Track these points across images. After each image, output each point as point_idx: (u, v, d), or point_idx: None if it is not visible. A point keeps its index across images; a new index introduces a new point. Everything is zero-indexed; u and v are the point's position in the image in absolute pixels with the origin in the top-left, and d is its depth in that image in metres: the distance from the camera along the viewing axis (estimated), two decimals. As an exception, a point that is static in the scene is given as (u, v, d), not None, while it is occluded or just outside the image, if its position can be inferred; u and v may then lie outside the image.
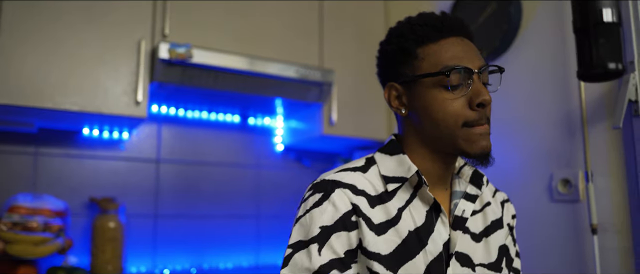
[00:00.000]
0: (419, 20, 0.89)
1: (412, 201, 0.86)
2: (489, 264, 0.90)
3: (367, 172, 0.88)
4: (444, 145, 0.86)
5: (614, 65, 0.67)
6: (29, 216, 1.66)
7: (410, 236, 0.83)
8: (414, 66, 0.87)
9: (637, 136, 1.25)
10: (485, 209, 0.94)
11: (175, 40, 1.69)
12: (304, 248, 0.82)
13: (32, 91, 1.52)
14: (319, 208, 0.83)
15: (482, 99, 0.82)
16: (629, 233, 1.27)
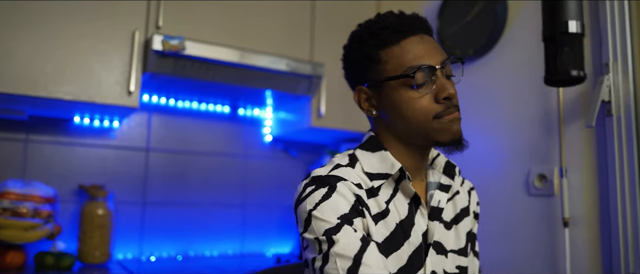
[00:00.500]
0: (379, 23, 0.92)
1: (395, 195, 0.91)
2: (459, 250, 0.96)
3: (354, 169, 0.91)
4: (417, 138, 0.91)
5: (576, 72, 0.74)
6: (19, 202, 1.68)
7: (397, 229, 0.88)
8: (378, 70, 0.91)
9: (608, 135, 1.33)
10: (454, 198, 1.00)
11: (169, 33, 1.72)
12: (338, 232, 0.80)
13: (26, 80, 1.54)
14: (329, 200, 0.84)
15: (447, 93, 0.87)
16: (597, 226, 1.35)
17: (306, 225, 0.84)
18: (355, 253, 0.79)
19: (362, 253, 0.79)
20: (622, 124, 1.31)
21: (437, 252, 0.91)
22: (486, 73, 1.70)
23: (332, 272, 0.78)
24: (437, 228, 0.92)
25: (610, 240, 1.30)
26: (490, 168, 1.63)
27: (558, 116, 1.44)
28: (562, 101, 1.43)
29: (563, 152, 1.43)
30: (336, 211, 0.83)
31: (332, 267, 0.78)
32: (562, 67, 0.74)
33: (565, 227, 1.38)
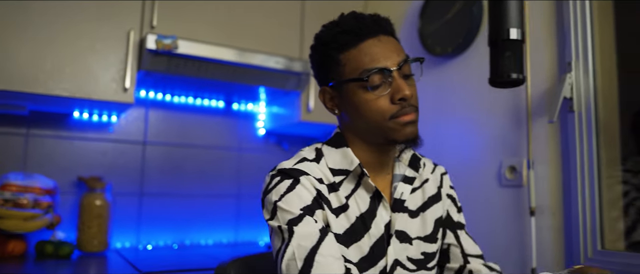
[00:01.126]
0: (338, 26, 0.97)
1: (356, 190, 0.97)
2: (425, 236, 1.02)
3: (319, 164, 0.97)
4: (376, 137, 0.96)
5: (515, 75, 0.82)
6: (20, 193, 1.77)
7: (357, 221, 0.94)
8: (339, 72, 0.96)
9: (570, 129, 1.41)
10: (424, 186, 1.06)
11: (163, 32, 1.81)
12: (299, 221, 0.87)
13: (26, 77, 1.63)
14: (293, 191, 0.90)
15: (401, 94, 0.90)
16: (561, 215, 1.43)
17: (272, 214, 0.91)
18: (313, 243, 0.86)
19: (319, 243, 0.86)
20: (583, 119, 1.39)
21: (400, 241, 0.98)
22: (463, 70, 1.79)
23: (290, 259, 0.85)
24: (400, 218, 0.98)
25: (571, 228, 1.39)
26: (466, 160, 1.72)
27: (526, 112, 1.52)
28: (530, 98, 1.52)
29: (530, 145, 1.51)
30: (299, 203, 0.90)
31: (291, 254, 0.85)
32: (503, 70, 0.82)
33: (532, 215, 1.47)
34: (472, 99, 1.74)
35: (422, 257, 1.01)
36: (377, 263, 0.95)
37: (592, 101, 1.39)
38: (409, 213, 1.01)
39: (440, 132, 1.84)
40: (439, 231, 1.06)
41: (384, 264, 0.95)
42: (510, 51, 0.82)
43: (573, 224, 1.38)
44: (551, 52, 1.50)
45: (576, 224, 1.37)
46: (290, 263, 0.85)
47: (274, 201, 0.91)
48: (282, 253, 0.87)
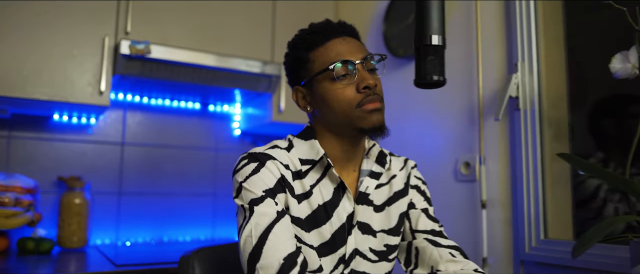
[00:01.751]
0: (308, 29, 1.08)
1: (321, 180, 1.05)
2: (389, 229, 1.10)
3: (289, 152, 1.06)
4: (345, 127, 1.03)
5: (437, 77, 0.90)
6: (2, 192, 1.85)
7: (319, 209, 1.03)
8: (308, 69, 1.06)
9: (517, 127, 1.51)
10: (391, 181, 1.13)
11: (136, 38, 1.89)
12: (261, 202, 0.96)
13: (6, 82, 1.71)
14: (257, 174, 0.98)
15: (366, 83, 0.99)
16: (509, 207, 1.53)
17: (237, 193, 1.00)
18: (269, 223, 0.94)
19: (274, 223, 0.94)
20: (528, 117, 1.49)
21: (362, 232, 1.06)
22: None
23: (248, 235, 0.94)
24: (363, 210, 1.06)
25: (518, 219, 1.48)
26: (426, 157, 1.81)
27: (478, 111, 1.62)
28: (482, 97, 1.61)
29: (482, 142, 1.61)
30: (262, 185, 0.97)
31: (249, 231, 0.94)
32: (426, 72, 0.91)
33: (483, 208, 1.57)
34: (432, 99, 1.83)
35: (385, 249, 1.09)
36: (338, 250, 1.03)
37: (536, 99, 1.48)
38: (374, 207, 1.08)
39: (403, 130, 1.93)
40: (403, 223, 1.13)
41: (343, 252, 1.03)
42: (432, 55, 0.91)
43: (519, 216, 1.48)
44: (501, 53, 1.60)
45: (522, 216, 1.47)
46: (247, 239, 0.94)
47: (240, 181, 1.00)
48: (242, 229, 0.96)
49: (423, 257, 1.09)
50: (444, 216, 1.72)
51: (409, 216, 1.14)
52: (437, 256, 1.06)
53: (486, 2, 1.66)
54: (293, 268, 0.90)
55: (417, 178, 1.19)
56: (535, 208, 1.45)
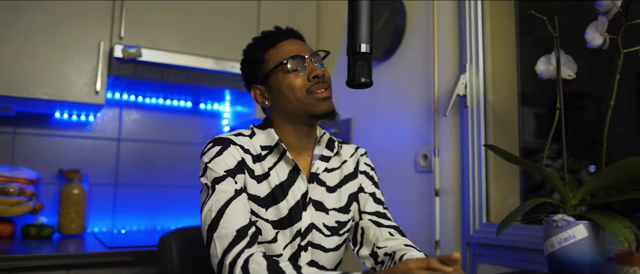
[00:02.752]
0: (261, 35, 1.27)
1: (278, 163, 1.22)
2: (340, 208, 1.26)
3: (251, 139, 1.23)
4: (300, 115, 1.19)
5: (364, 79, 1.06)
6: (7, 183, 2.04)
7: (276, 188, 1.19)
8: (264, 68, 1.23)
9: (465, 123, 1.67)
10: (342, 166, 1.30)
11: (129, 42, 2.07)
12: (222, 181, 1.12)
13: (11, 83, 1.90)
14: (220, 157, 1.14)
15: (315, 73, 1.17)
16: (459, 195, 1.69)
17: (203, 172, 1.16)
18: (227, 199, 1.11)
19: (232, 200, 1.11)
20: (474, 114, 1.65)
21: (316, 209, 1.22)
22: (391, 72, 2.05)
23: (208, 210, 1.11)
24: (316, 190, 1.23)
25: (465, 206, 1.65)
26: (391, 150, 1.98)
27: (433, 107, 1.79)
28: (437, 95, 1.78)
29: (436, 136, 1.77)
30: (224, 166, 1.13)
31: (210, 206, 1.11)
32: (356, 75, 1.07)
33: (437, 196, 1.73)
34: (398, 97, 2.00)
35: (336, 225, 1.25)
36: (294, 224, 1.19)
37: (482, 98, 1.65)
38: (327, 188, 1.25)
39: (372, 126, 2.10)
40: (353, 203, 1.30)
41: (300, 226, 1.20)
42: (361, 61, 1.07)
43: (466, 202, 1.64)
44: (454, 54, 1.76)
45: (468, 202, 1.63)
46: (208, 213, 1.11)
47: (206, 162, 1.16)
48: (204, 204, 1.13)
49: (367, 236, 1.26)
50: (404, 204, 1.89)
51: (358, 199, 1.31)
52: (379, 235, 1.24)
53: (443, 3, 1.82)
54: (243, 238, 1.07)
55: (366, 164, 1.36)
56: (479, 195, 1.61)
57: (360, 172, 1.34)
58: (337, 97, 1.34)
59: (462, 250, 1.65)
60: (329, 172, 1.28)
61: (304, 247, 1.21)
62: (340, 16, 2.39)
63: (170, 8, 2.21)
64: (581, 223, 1.12)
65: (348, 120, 2.27)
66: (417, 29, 1.93)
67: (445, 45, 1.80)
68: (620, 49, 1.17)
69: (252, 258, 1.02)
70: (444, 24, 1.81)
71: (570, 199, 1.19)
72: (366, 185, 1.33)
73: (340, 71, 2.29)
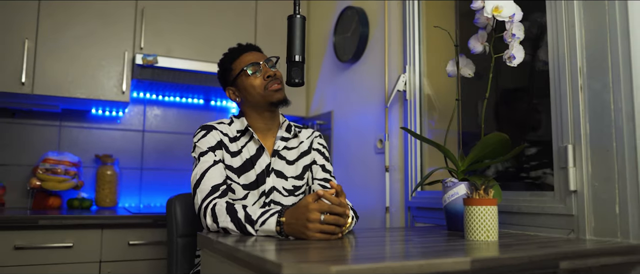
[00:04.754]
0: (229, 51, 1.73)
1: (248, 143, 1.68)
2: (296, 176, 1.70)
3: (230, 126, 1.70)
4: (261, 104, 1.66)
5: (298, 80, 1.48)
6: (55, 165, 2.59)
7: (247, 161, 1.66)
8: (232, 74, 1.70)
9: (405, 113, 2.09)
10: (299, 145, 1.75)
11: (148, 51, 2.58)
12: (204, 154, 1.61)
13: (57, 86, 2.44)
14: (204, 138, 1.62)
15: (268, 73, 1.63)
16: (403, 170, 2.12)
17: (193, 149, 1.64)
18: (207, 166, 1.58)
19: (211, 167, 1.58)
20: (412, 106, 2.07)
21: (277, 176, 1.68)
22: (357, 73, 2.48)
23: (194, 175, 1.57)
24: (278, 162, 1.68)
25: (406, 179, 2.07)
26: (359, 136, 2.41)
27: (384, 100, 2.21)
28: (387, 91, 2.20)
29: (386, 123, 2.20)
30: (207, 144, 1.61)
31: (195, 172, 1.57)
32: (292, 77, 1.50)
33: (387, 172, 2.16)
34: (364, 93, 2.43)
35: (292, 188, 1.70)
36: (260, 187, 1.65)
37: (418, 93, 2.06)
38: (286, 161, 1.71)
39: (347, 116, 2.54)
40: (307, 173, 1.75)
41: (264, 188, 1.65)
42: (295, 67, 1.51)
43: (407, 176, 2.06)
44: (399, 56, 2.18)
45: (408, 176, 2.05)
46: (194, 176, 1.58)
47: (194, 141, 1.64)
48: (193, 171, 1.60)
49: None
50: (366, 178, 2.33)
51: (311, 169, 1.76)
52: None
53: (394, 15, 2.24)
54: (216, 192, 1.54)
55: (319, 144, 1.81)
56: (415, 170, 2.03)
57: (314, 149, 1.79)
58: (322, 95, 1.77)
59: (405, 213, 2.07)
60: (289, 150, 1.73)
61: (268, 204, 1.67)
62: (323, 26, 2.83)
63: (181, 23, 2.71)
64: (462, 183, 1.54)
65: (329, 112, 2.72)
66: (377, 36, 2.36)
67: (394, 50, 2.22)
68: (492, 54, 1.57)
69: (218, 202, 1.48)
70: (394, 32, 2.23)
71: (460, 167, 1.60)
72: (318, 159, 1.78)
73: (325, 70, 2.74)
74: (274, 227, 1.32)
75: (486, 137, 1.50)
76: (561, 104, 1.43)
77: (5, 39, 2.37)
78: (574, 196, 1.37)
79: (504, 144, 1.48)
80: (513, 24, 1.49)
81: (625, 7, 1.27)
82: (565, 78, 1.42)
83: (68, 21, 2.49)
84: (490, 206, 1.31)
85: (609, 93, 1.30)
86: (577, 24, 1.40)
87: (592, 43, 1.36)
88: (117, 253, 2.24)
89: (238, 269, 1.07)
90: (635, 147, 1.23)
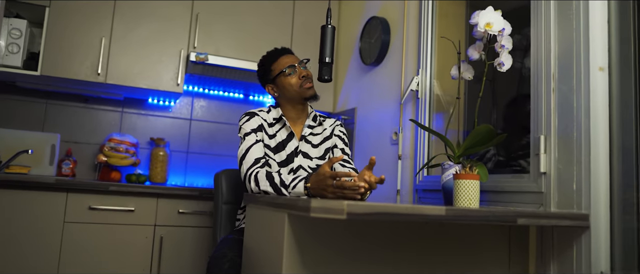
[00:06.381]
0: (268, 54, 2.12)
1: (282, 129, 2.08)
2: (319, 157, 2.10)
3: (268, 113, 2.11)
4: (295, 98, 2.06)
5: (327, 77, 1.86)
6: (118, 144, 3.04)
7: (280, 143, 2.05)
8: (272, 74, 2.09)
9: (417, 109, 2.45)
10: (323, 132, 2.14)
11: (200, 50, 3.01)
12: (248, 135, 2.00)
13: (123, 76, 2.89)
14: (248, 122, 2.04)
15: (302, 74, 2.03)
16: (413, 159, 2.47)
17: (239, 130, 2.04)
18: (251, 144, 1.98)
19: (253, 144, 1.98)
20: (422, 103, 2.42)
21: (303, 157, 2.08)
22: (379, 75, 2.85)
23: (240, 150, 1.97)
24: (305, 146, 2.08)
25: (415, 166, 2.43)
26: (379, 129, 2.78)
27: (400, 100, 2.58)
28: (402, 91, 2.57)
29: (401, 118, 2.56)
30: (250, 126, 2.02)
31: (242, 148, 1.98)
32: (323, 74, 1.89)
33: (400, 160, 2.52)
34: (384, 92, 2.80)
35: (316, 167, 2.09)
36: (289, 164, 2.05)
37: (428, 92, 2.42)
38: (311, 145, 2.10)
39: (369, 112, 2.91)
40: (328, 154, 2.13)
41: (292, 166, 2.05)
42: (326, 67, 1.89)
43: (417, 163, 2.42)
44: (414, 60, 2.55)
45: (416, 163, 2.41)
46: (240, 151, 1.98)
47: (240, 124, 2.05)
48: (239, 147, 2.00)
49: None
50: (383, 165, 2.69)
51: (333, 152, 2.15)
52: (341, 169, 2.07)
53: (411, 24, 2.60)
54: (258, 163, 1.94)
55: (340, 131, 2.19)
56: (422, 158, 2.39)
57: (335, 135, 2.17)
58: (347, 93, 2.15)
59: (413, 195, 2.43)
60: (314, 136, 2.13)
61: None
62: (351, 33, 3.22)
63: (228, 27, 3.14)
64: (456, 165, 1.89)
65: (353, 109, 3.10)
66: (396, 43, 2.73)
67: (410, 55, 2.59)
68: (485, 61, 1.92)
69: (260, 171, 1.88)
70: (411, 40, 2.60)
71: (456, 152, 1.96)
72: (338, 143, 2.16)
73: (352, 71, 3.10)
74: (303, 190, 1.71)
75: (477, 128, 1.85)
76: (538, 102, 1.77)
77: (87, 37, 2.84)
78: (543, 177, 1.71)
79: (490, 134, 1.83)
80: (503, 37, 1.84)
81: (587, 28, 1.61)
82: (542, 82, 1.76)
83: (136, 23, 2.94)
84: (473, 180, 1.67)
85: (573, 94, 1.64)
86: (552, 39, 1.74)
87: (563, 55, 1.70)
88: (168, 219, 2.67)
89: (277, 212, 1.46)
90: (589, 137, 1.57)
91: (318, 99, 2.08)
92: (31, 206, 2.43)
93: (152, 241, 2.61)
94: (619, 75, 1.61)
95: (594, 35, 1.60)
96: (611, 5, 1.64)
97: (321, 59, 1.91)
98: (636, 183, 1.58)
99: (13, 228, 2.39)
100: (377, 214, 1.21)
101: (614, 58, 1.62)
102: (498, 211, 1.41)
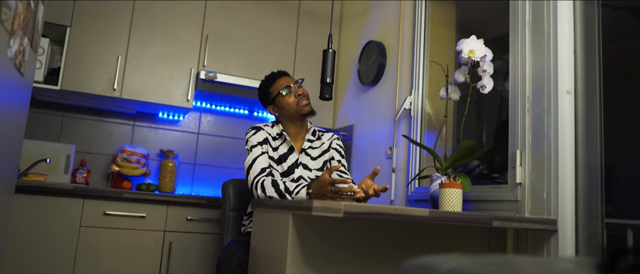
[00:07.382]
0: (266, 77, 2.34)
1: (283, 143, 2.30)
2: (318, 168, 2.31)
3: (271, 128, 2.33)
4: (295, 116, 2.27)
5: (328, 96, 2.09)
6: (130, 155, 3.25)
7: (282, 156, 2.27)
8: (271, 96, 2.31)
9: (410, 126, 2.66)
10: (321, 146, 2.35)
11: (209, 69, 3.24)
12: (255, 147, 2.22)
13: (137, 92, 3.11)
14: (254, 135, 2.26)
15: (298, 92, 2.24)
16: (405, 171, 2.68)
17: (246, 143, 2.26)
18: (257, 155, 2.20)
19: (259, 156, 2.19)
20: (414, 121, 2.64)
21: (303, 168, 2.29)
22: (375, 94, 3.08)
23: (247, 161, 2.18)
24: (305, 159, 2.29)
25: (407, 178, 2.64)
26: (375, 144, 2.99)
27: (394, 116, 2.80)
28: (397, 109, 2.79)
29: (395, 134, 2.78)
30: (256, 139, 2.23)
31: (248, 159, 2.19)
32: (324, 92, 2.11)
33: (393, 172, 2.73)
34: (379, 110, 3.02)
35: (315, 178, 2.30)
36: (290, 175, 2.26)
37: (420, 111, 2.64)
38: (311, 157, 2.32)
39: (366, 129, 3.12)
40: (326, 165, 2.34)
41: (293, 176, 2.26)
42: (327, 86, 2.12)
43: (409, 176, 2.63)
44: (408, 82, 2.77)
45: (408, 176, 2.62)
46: (247, 162, 2.19)
47: (247, 137, 2.27)
48: (246, 158, 2.21)
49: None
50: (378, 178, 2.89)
51: (330, 164, 2.36)
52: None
53: (404, 50, 2.84)
54: (263, 172, 2.15)
55: (337, 144, 2.41)
56: (414, 171, 2.60)
57: (332, 148, 2.39)
58: (346, 111, 2.37)
59: (405, 204, 2.63)
60: (313, 149, 2.34)
61: None
62: (347, 55, 3.45)
63: (235, 48, 3.37)
64: (442, 176, 2.10)
65: (352, 126, 3.32)
66: (392, 65, 2.96)
67: (404, 77, 2.81)
68: (469, 84, 2.14)
69: (266, 179, 2.09)
70: (404, 63, 2.83)
71: (443, 165, 2.17)
72: (335, 156, 2.38)
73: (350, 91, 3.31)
74: (305, 195, 1.92)
75: (461, 144, 2.07)
76: (515, 121, 1.99)
77: (105, 55, 3.07)
78: (519, 187, 1.92)
79: (473, 148, 2.04)
80: (485, 62, 2.07)
81: (556, 56, 1.84)
82: (518, 103, 1.98)
83: (150, 43, 3.17)
84: (456, 189, 1.87)
85: (544, 115, 1.86)
86: (527, 65, 1.97)
87: (536, 79, 1.92)
88: (177, 225, 2.86)
89: (283, 214, 1.66)
90: (557, 152, 1.78)
91: (315, 115, 2.29)
92: (50, 211, 2.63)
93: (162, 246, 2.80)
94: (584, 98, 1.84)
95: (562, 62, 1.83)
96: (577, 35, 1.87)
97: (323, 79, 2.13)
98: (601, 194, 1.79)
99: (32, 231, 2.58)
100: (369, 213, 1.41)
101: (580, 83, 1.84)
102: (475, 214, 1.61)
